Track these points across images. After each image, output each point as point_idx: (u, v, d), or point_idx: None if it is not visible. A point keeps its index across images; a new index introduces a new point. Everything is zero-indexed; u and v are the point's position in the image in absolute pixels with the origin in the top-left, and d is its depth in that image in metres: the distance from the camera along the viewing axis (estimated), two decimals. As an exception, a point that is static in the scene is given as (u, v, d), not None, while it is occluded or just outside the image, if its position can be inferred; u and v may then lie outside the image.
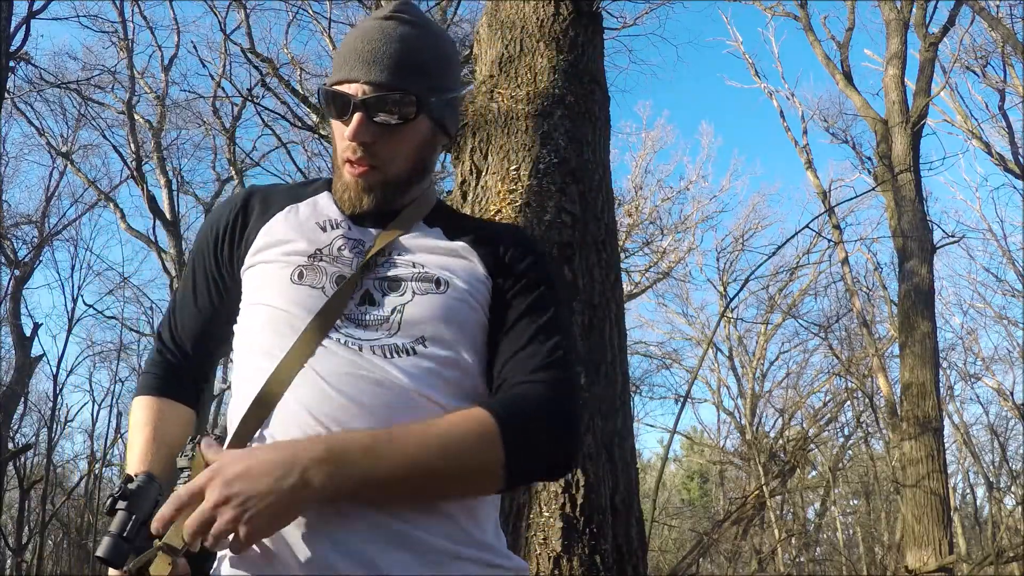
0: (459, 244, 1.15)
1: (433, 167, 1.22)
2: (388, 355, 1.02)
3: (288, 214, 1.17)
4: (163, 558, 0.92)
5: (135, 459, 1.14)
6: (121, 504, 0.96)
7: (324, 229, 1.14)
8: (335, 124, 1.13)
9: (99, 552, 0.93)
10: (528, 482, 1.10)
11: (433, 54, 1.13)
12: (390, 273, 1.10)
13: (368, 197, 1.13)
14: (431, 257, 1.12)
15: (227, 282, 1.19)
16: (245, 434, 1.02)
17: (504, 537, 1.10)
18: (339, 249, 1.11)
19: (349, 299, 1.06)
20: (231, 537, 0.89)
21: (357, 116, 1.08)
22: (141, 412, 1.19)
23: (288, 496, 0.88)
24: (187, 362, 1.23)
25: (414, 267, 1.10)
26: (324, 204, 1.18)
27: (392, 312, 1.06)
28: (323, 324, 1.04)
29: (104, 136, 14.26)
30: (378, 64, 1.09)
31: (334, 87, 1.11)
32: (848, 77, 11.54)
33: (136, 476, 0.99)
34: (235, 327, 1.15)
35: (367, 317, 1.05)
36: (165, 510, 0.91)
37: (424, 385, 1.02)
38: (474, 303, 1.10)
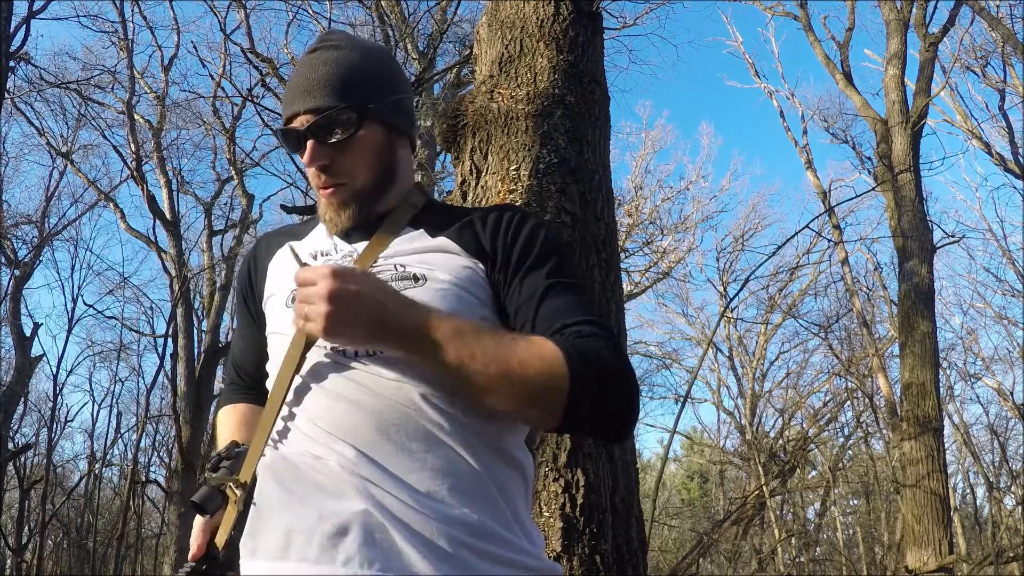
0: (440, 239, 1.18)
1: (403, 169, 1.26)
2: (372, 352, 1.07)
3: (287, 251, 1.25)
4: (232, 491, 1.06)
5: (229, 437, 1.29)
6: (226, 463, 1.09)
7: (316, 258, 1.22)
8: (301, 159, 1.20)
9: (195, 497, 1.05)
10: (584, 428, 1.06)
11: (364, 66, 1.20)
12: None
13: (345, 213, 1.20)
14: (412, 257, 1.15)
15: (258, 318, 1.31)
16: (259, 443, 1.09)
17: (539, 537, 1.10)
18: None
19: None
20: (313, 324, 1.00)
21: (309, 144, 1.15)
22: (227, 413, 1.38)
23: (370, 337, 1.01)
24: (252, 383, 1.38)
25: (395, 269, 1.14)
26: (317, 236, 1.27)
27: None
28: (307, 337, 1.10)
29: (104, 136, 14.26)
30: (311, 91, 1.16)
31: (284, 127, 1.19)
32: (848, 77, 11.53)
33: (242, 444, 1.13)
34: None
35: None
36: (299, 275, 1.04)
37: (411, 377, 1.05)
38: (464, 292, 1.12)
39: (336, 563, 0.94)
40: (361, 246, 1.19)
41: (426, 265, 1.13)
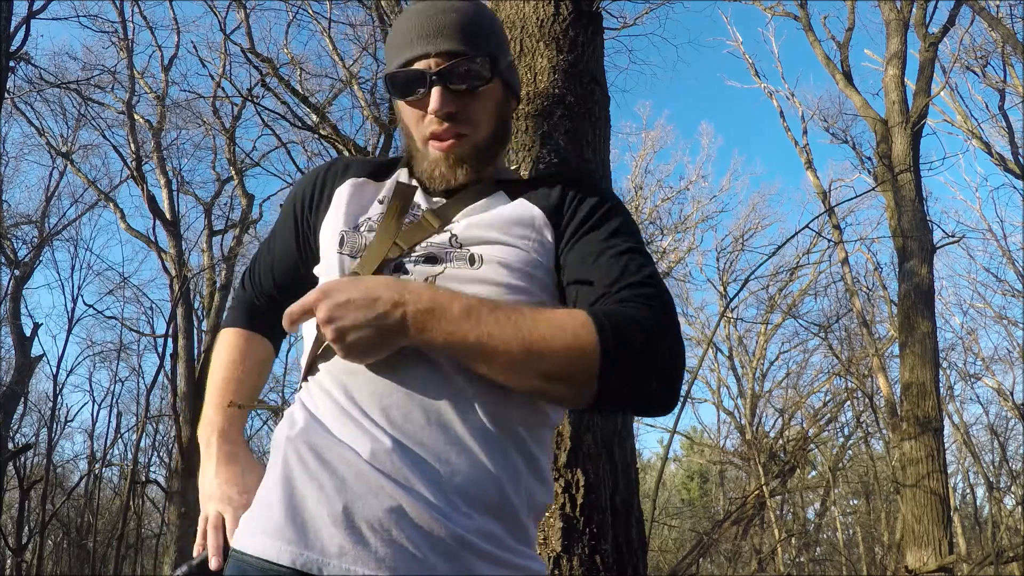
0: (519, 201, 1.13)
1: (511, 133, 1.22)
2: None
3: (359, 184, 1.18)
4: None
5: (220, 389, 1.24)
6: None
7: (382, 203, 1.14)
8: (405, 107, 1.13)
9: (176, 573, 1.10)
10: (623, 404, 1.02)
11: (490, 21, 1.14)
12: (430, 249, 1.07)
13: (461, 169, 1.12)
14: (480, 229, 1.09)
15: (301, 240, 1.24)
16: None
17: (533, 539, 1.08)
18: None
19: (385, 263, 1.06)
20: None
21: (436, 89, 1.07)
22: (230, 339, 1.30)
23: (381, 335, 0.94)
24: (266, 303, 1.32)
25: (450, 244, 1.08)
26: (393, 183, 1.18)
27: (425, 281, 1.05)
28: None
29: (104, 136, 14.27)
30: (444, 35, 1.08)
31: (404, 68, 1.09)
32: (848, 77, 11.53)
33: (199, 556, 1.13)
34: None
35: None
36: (295, 308, 0.99)
37: (456, 370, 1.01)
38: (520, 280, 1.06)
39: (346, 558, 0.92)
40: (441, 201, 1.13)
41: (490, 240, 1.07)
